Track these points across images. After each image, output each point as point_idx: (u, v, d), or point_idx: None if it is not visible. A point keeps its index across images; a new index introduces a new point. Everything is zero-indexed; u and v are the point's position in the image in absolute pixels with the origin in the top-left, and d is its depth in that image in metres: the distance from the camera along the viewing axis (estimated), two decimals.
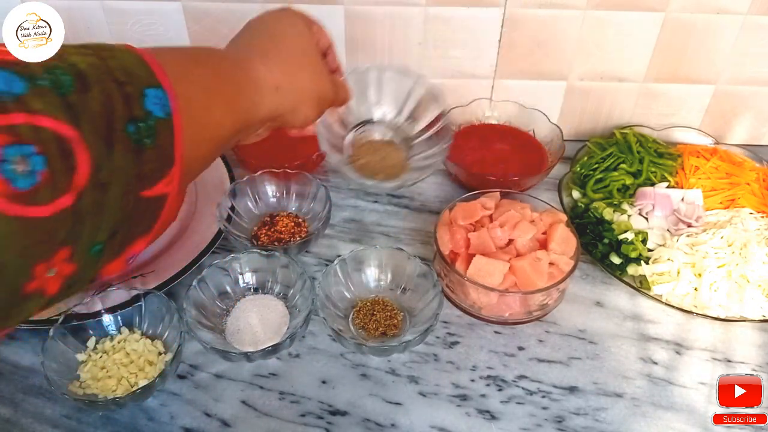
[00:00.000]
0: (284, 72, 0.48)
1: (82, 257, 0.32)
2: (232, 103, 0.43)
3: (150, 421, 0.63)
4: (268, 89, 0.47)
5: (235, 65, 0.46)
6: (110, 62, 0.34)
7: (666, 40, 0.87)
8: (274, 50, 0.49)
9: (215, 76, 0.43)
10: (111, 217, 0.33)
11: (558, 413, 0.64)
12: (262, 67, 0.47)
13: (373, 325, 0.70)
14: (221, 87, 0.43)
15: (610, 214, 0.82)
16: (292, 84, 0.49)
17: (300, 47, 0.51)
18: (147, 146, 0.34)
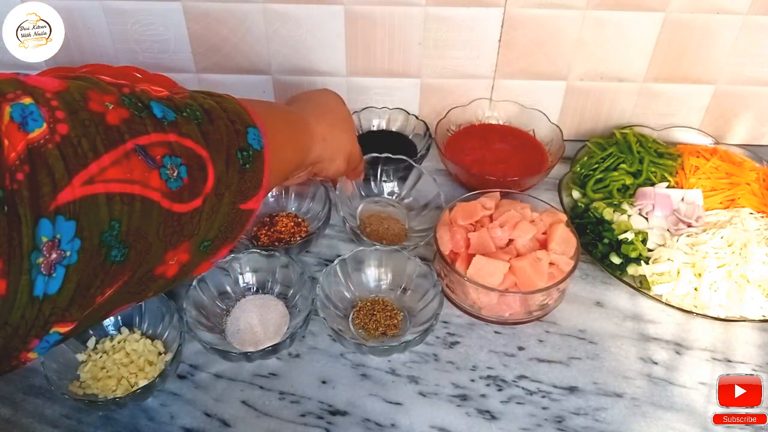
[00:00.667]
0: (330, 129, 0.62)
1: (195, 250, 0.42)
2: (296, 144, 0.57)
3: (150, 421, 0.63)
4: (318, 139, 0.60)
5: (298, 118, 0.59)
6: (223, 104, 0.45)
7: (666, 40, 0.87)
8: (323, 112, 0.63)
9: (286, 124, 0.56)
10: (220, 221, 0.43)
11: (558, 413, 0.64)
12: (314, 122, 0.60)
13: (373, 325, 0.70)
14: (290, 132, 0.56)
15: (610, 214, 0.82)
16: (335, 139, 0.62)
17: (341, 114, 0.66)
18: (248, 170, 0.44)
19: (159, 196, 0.36)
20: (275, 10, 0.85)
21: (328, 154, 0.62)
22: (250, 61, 0.91)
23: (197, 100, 0.43)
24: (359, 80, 0.94)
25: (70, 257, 0.32)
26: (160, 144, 0.37)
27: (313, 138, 0.59)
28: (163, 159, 0.37)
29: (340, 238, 0.83)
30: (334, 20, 0.86)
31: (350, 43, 0.89)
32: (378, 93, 0.95)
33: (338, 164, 0.64)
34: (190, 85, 0.87)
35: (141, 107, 0.37)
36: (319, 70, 0.92)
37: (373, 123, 0.97)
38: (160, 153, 0.37)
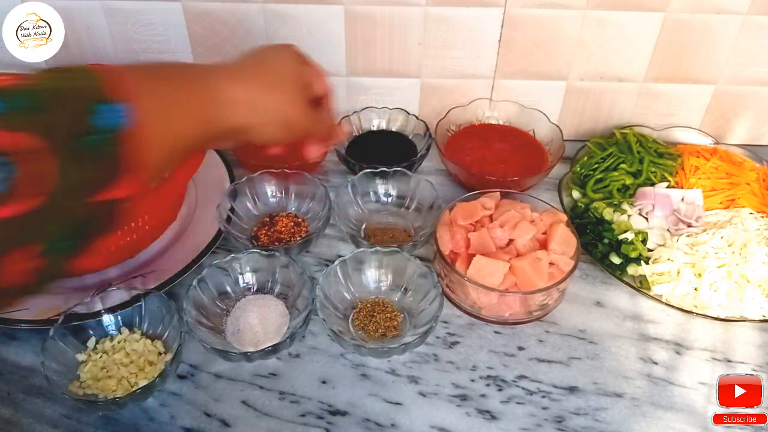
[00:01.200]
0: (250, 90, 0.52)
1: (52, 252, 0.38)
2: (191, 115, 0.47)
3: (150, 421, 0.63)
4: (238, 103, 0.51)
5: (204, 81, 0.50)
6: (73, 83, 0.39)
7: (666, 40, 0.87)
8: (251, 71, 0.54)
9: (178, 90, 0.47)
10: (74, 218, 0.38)
11: (558, 413, 0.64)
12: (232, 84, 0.51)
13: (372, 327, 0.70)
14: (185, 99, 0.47)
15: (610, 214, 0.82)
16: (261, 103, 0.53)
17: (279, 74, 0.56)
18: (100, 156, 0.38)
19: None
20: (275, 10, 0.85)
21: (255, 120, 0.53)
22: None
23: (37, 84, 0.39)
24: (359, 80, 0.94)
25: None
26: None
27: (226, 103, 0.50)
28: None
29: (340, 238, 0.83)
30: (334, 20, 0.86)
31: (350, 43, 0.89)
32: (378, 93, 0.95)
33: (271, 131, 0.55)
34: None
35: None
36: None
37: (373, 123, 0.97)
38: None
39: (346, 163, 0.91)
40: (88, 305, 0.67)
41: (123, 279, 0.72)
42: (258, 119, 0.53)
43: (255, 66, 0.55)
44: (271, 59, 0.57)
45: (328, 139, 0.65)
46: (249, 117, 0.52)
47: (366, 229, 0.84)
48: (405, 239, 0.81)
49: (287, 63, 0.58)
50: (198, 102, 0.48)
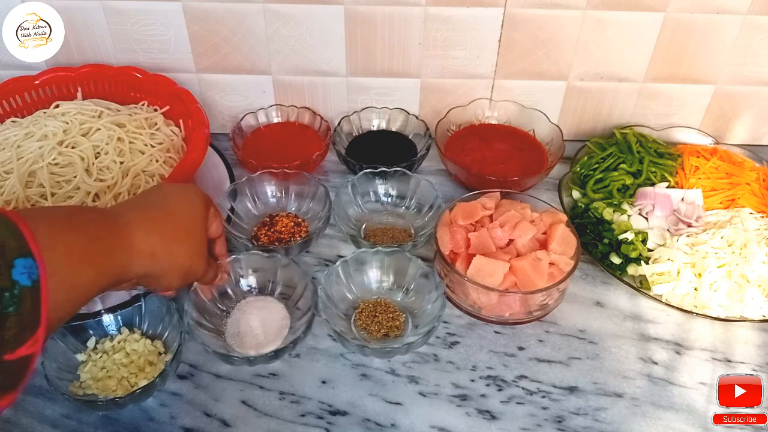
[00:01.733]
0: (163, 242, 0.52)
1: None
2: (102, 266, 0.46)
3: (150, 421, 0.63)
4: (143, 254, 0.50)
5: (113, 230, 0.48)
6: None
7: (666, 40, 0.87)
8: (161, 220, 0.53)
9: (88, 241, 0.45)
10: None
11: (558, 413, 0.64)
12: (142, 234, 0.50)
13: (375, 327, 0.70)
14: (93, 252, 0.45)
15: (610, 214, 0.82)
16: (167, 254, 0.52)
17: (187, 224, 0.55)
18: (11, 314, 0.36)
19: None
20: (275, 10, 0.85)
21: (157, 271, 0.52)
22: (250, 61, 0.91)
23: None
24: (359, 80, 0.94)
25: None
26: None
27: (134, 254, 0.49)
28: None
29: (340, 238, 0.83)
30: (334, 20, 0.86)
31: (350, 43, 0.89)
32: (378, 93, 0.95)
33: (170, 281, 0.55)
34: (189, 85, 0.88)
35: None
36: (319, 70, 0.92)
37: (373, 123, 0.97)
38: None
39: (346, 163, 0.91)
40: (88, 305, 0.67)
41: None
42: (162, 269, 0.52)
43: (163, 213, 0.54)
44: (183, 207, 0.56)
45: (215, 281, 0.65)
46: (153, 267, 0.51)
47: (366, 229, 0.83)
48: (405, 239, 0.81)
49: (194, 209, 0.57)
50: (108, 253, 0.47)
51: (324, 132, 0.94)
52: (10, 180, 0.73)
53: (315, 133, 0.95)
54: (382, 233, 0.82)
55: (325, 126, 0.95)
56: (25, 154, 0.75)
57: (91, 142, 0.77)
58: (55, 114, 0.82)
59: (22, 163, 0.74)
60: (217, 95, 0.96)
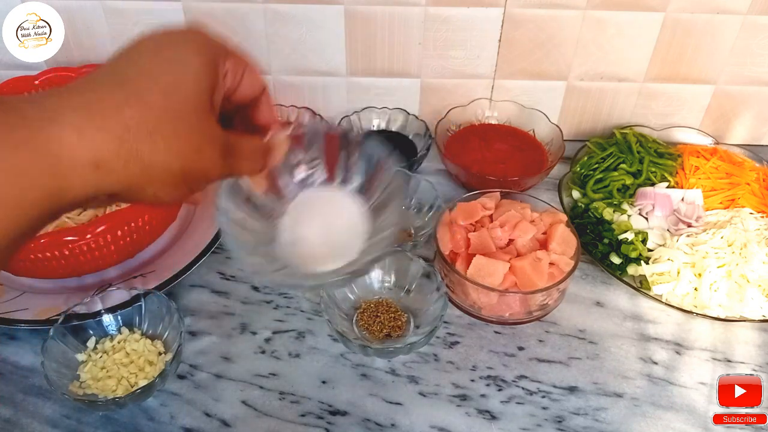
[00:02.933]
0: (117, 140, 0.31)
1: None
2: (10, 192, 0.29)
3: (150, 421, 0.63)
4: (81, 167, 0.31)
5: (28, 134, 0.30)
6: None
7: (666, 40, 0.87)
8: (112, 104, 0.31)
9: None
10: None
11: (558, 413, 0.64)
12: (73, 135, 0.30)
13: (377, 327, 0.70)
14: None
15: (610, 214, 0.82)
16: (128, 158, 0.31)
17: (167, 98, 0.33)
18: None
19: None
20: (275, 10, 0.85)
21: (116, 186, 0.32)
22: None
23: None
24: (359, 80, 0.94)
25: None
26: None
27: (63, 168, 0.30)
28: None
29: None
30: (334, 20, 0.86)
31: (350, 43, 0.89)
32: (378, 93, 0.95)
33: (153, 192, 0.34)
34: None
35: None
36: (319, 70, 0.92)
37: (373, 123, 0.97)
38: None
39: None
40: (88, 305, 0.67)
41: (123, 279, 0.72)
42: (125, 181, 0.32)
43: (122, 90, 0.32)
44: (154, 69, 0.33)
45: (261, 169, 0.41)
46: (105, 181, 0.31)
47: None
48: (405, 239, 0.81)
49: (183, 68, 0.34)
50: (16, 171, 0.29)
51: None
52: None
53: None
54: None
55: None
56: None
57: None
58: None
59: None
60: None
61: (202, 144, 0.35)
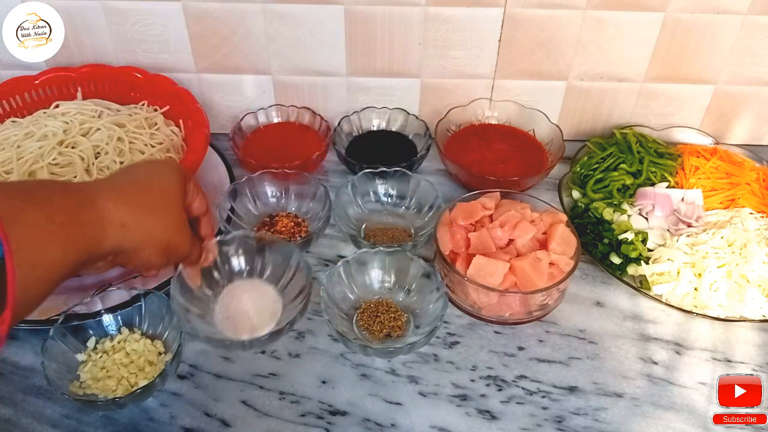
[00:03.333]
0: (134, 212, 0.49)
1: None
2: (70, 240, 0.43)
3: (150, 421, 0.63)
4: (113, 225, 0.47)
5: (79, 202, 0.46)
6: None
7: (666, 40, 0.87)
8: (131, 191, 0.50)
9: (52, 214, 0.42)
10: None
11: (558, 413, 0.64)
12: (110, 204, 0.47)
13: (377, 327, 0.70)
14: (59, 225, 0.42)
15: (610, 214, 0.82)
16: (141, 225, 0.49)
17: (161, 195, 0.52)
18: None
19: None
20: (275, 10, 0.85)
21: (131, 244, 0.49)
22: (250, 61, 0.91)
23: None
24: (359, 80, 0.94)
25: None
26: None
27: (105, 224, 0.46)
28: None
29: (340, 238, 0.83)
30: (334, 20, 0.86)
31: (350, 43, 0.89)
32: (378, 93, 0.95)
33: (147, 256, 0.51)
34: (189, 85, 0.88)
35: None
36: (319, 70, 0.92)
37: (373, 123, 0.97)
38: None
39: (346, 163, 0.91)
40: (88, 305, 0.67)
41: (123, 279, 0.72)
42: (134, 242, 0.49)
43: (133, 185, 0.51)
44: (155, 179, 0.53)
45: (200, 262, 0.61)
46: (125, 239, 0.48)
47: (366, 229, 0.84)
48: (405, 239, 0.81)
49: (167, 181, 0.54)
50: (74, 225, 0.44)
51: (324, 132, 0.94)
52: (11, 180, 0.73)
53: (315, 133, 0.95)
54: (382, 233, 0.82)
55: (325, 126, 0.95)
56: (25, 154, 0.75)
57: (91, 142, 0.77)
58: (55, 114, 0.82)
59: (22, 163, 0.74)
60: (217, 95, 0.96)
61: (180, 227, 0.55)
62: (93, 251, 0.45)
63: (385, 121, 0.97)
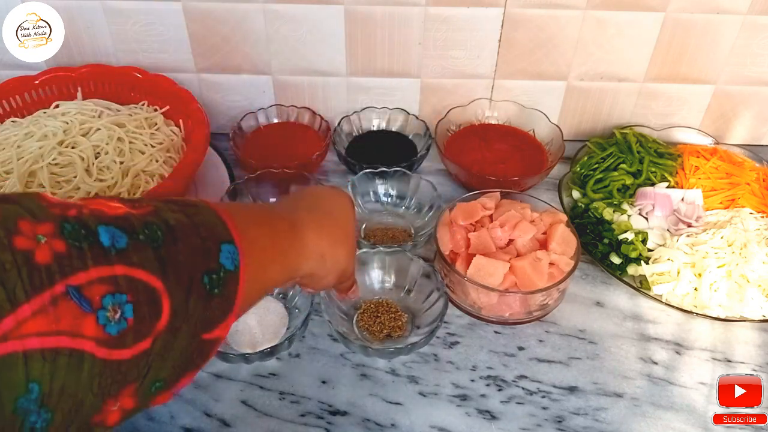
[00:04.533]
0: (330, 244, 0.53)
1: (143, 393, 0.35)
2: (284, 262, 0.48)
3: (150, 421, 0.63)
4: (314, 255, 0.51)
5: (291, 229, 0.50)
6: (195, 218, 0.38)
7: (666, 40, 0.87)
8: (327, 224, 0.53)
9: (275, 237, 0.47)
10: (176, 358, 0.36)
11: (558, 413, 0.64)
12: (314, 236, 0.51)
13: (377, 327, 0.70)
14: (278, 248, 0.47)
15: (610, 214, 0.82)
16: (333, 256, 0.53)
17: (346, 226, 0.56)
18: (215, 295, 0.37)
19: (93, 345, 0.30)
20: (275, 10, 0.85)
21: (322, 272, 0.53)
22: (250, 61, 0.91)
23: (161, 215, 0.37)
24: (359, 80, 0.94)
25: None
26: (101, 280, 0.31)
27: (307, 255, 0.50)
28: (104, 299, 0.31)
29: None
30: (334, 20, 0.86)
31: (350, 43, 0.89)
32: (378, 93, 0.95)
33: (329, 281, 0.55)
34: (189, 85, 0.88)
35: (84, 235, 0.31)
36: (319, 70, 0.92)
37: (373, 123, 0.97)
38: (100, 292, 0.31)
39: (346, 163, 0.91)
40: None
41: None
42: (327, 270, 0.53)
43: (327, 216, 0.55)
44: (338, 210, 0.56)
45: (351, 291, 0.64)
46: (320, 268, 0.52)
47: (366, 229, 0.84)
48: (405, 239, 0.81)
49: (350, 216, 0.57)
50: (287, 251, 0.48)
51: (324, 132, 0.94)
52: (10, 180, 0.73)
53: (315, 133, 0.95)
54: (382, 233, 0.82)
55: (325, 126, 0.95)
56: (25, 154, 0.75)
57: (91, 142, 0.77)
58: (55, 114, 0.82)
59: (22, 163, 0.74)
60: (217, 95, 0.96)
61: (351, 256, 0.57)
62: (293, 274, 0.50)
63: (385, 121, 0.97)
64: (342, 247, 0.54)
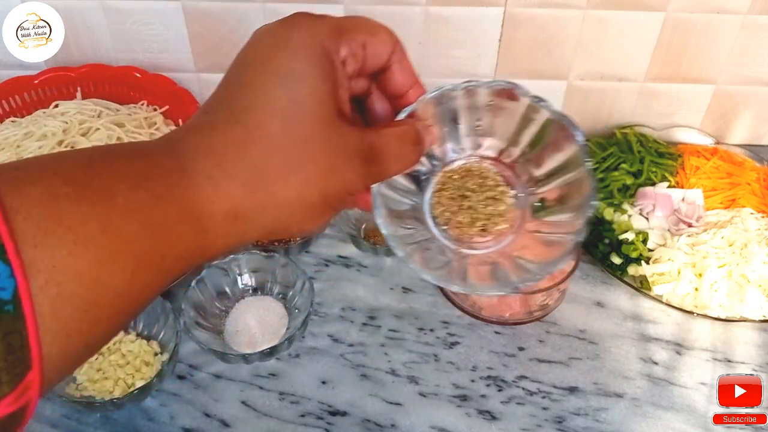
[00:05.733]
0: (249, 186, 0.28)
1: None
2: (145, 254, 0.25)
3: (149, 422, 0.63)
4: (220, 219, 0.28)
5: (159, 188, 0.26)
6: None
7: (666, 39, 0.87)
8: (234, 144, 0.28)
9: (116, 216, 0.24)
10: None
11: (558, 413, 0.64)
12: (209, 187, 0.27)
13: (465, 218, 0.39)
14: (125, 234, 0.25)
15: (611, 214, 0.81)
16: (264, 203, 0.28)
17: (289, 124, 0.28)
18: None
19: None
20: (275, 10, 0.85)
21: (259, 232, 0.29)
22: None
23: None
24: None
25: None
26: None
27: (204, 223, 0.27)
28: None
29: (339, 239, 0.83)
30: None
31: None
32: None
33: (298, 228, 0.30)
34: (189, 85, 0.88)
35: None
36: None
37: None
38: None
39: None
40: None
41: None
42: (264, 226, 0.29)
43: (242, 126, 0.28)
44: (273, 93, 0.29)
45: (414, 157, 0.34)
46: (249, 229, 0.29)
47: (366, 229, 0.83)
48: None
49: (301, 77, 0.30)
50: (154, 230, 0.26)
51: None
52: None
53: None
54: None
55: None
56: (24, 154, 0.75)
57: (91, 141, 0.77)
58: (55, 114, 0.82)
59: None
60: None
61: (337, 162, 0.29)
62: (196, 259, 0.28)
63: None
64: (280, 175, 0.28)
